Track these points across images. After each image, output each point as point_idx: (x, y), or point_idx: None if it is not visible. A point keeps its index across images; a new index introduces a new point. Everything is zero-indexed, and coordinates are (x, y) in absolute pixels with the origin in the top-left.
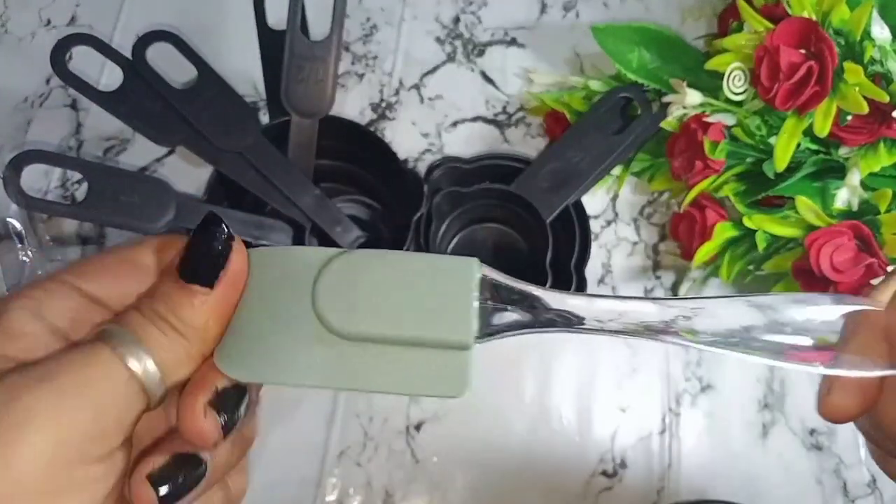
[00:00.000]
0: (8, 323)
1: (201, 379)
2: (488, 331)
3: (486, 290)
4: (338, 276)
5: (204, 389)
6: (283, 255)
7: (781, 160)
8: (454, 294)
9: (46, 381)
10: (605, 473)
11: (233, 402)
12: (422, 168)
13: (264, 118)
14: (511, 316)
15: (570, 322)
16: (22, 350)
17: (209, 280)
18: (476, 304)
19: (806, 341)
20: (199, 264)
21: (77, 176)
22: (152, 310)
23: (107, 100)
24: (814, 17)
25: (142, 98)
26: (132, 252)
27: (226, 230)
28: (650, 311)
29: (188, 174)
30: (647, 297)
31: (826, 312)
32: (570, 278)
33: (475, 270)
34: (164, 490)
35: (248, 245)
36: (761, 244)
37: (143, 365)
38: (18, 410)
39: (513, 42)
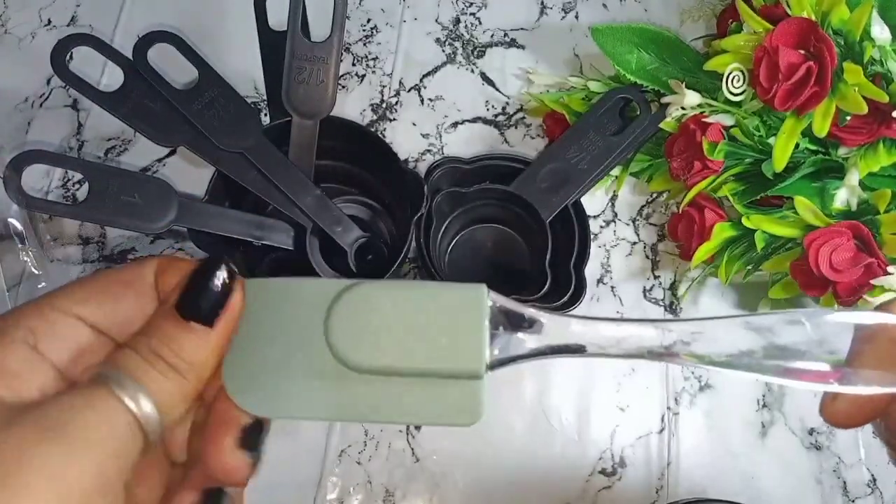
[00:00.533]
0: (4, 360)
1: (224, 417)
2: (499, 359)
3: (495, 318)
4: (349, 310)
5: (230, 428)
6: (291, 287)
7: (780, 160)
8: (465, 324)
9: (52, 433)
10: (604, 472)
11: (256, 435)
12: (422, 168)
13: (265, 119)
14: (521, 343)
15: (577, 350)
16: (16, 390)
17: (210, 319)
18: (487, 333)
19: (812, 364)
20: (200, 302)
21: (78, 176)
22: (150, 349)
23: (108, 100)
24: (813, 18)
25: (143, 98)
26: (132, 274)
27: (227, 273)
28: (650, 336)
29: (189, 174)
30: (647, 319)
31: (827, 328)
32: (570, 278)
33: (485, 299)
34: None
35: (249, 245)
36: (760, 244)
37: (142, 408)
38: (25, 466)
39: (512, 43)
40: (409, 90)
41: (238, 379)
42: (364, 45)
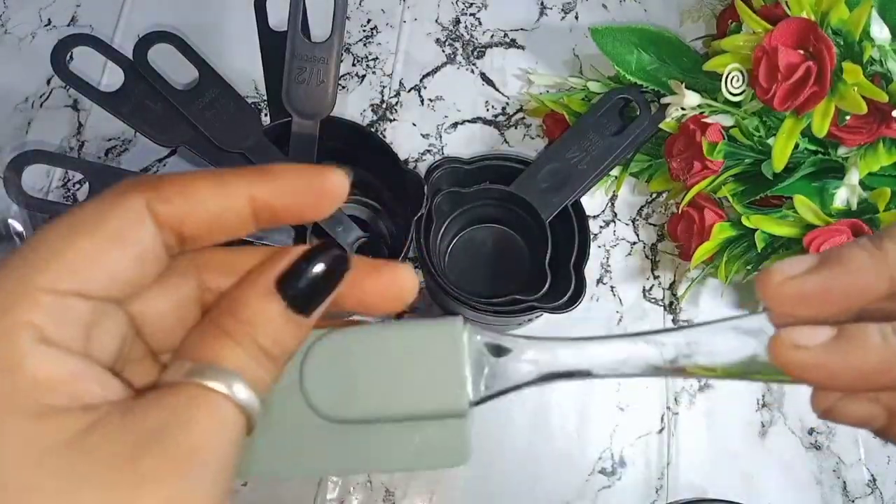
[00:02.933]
0: (35, 369)
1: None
2: (484, 395)
3: (476, 351)
4: (321, 362)
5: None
6: None
7: (780, 160)
8: (443, 362)
9: (164, 450)
10: (604, 472)
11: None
12: (422, 168)
13: (265, 119)
14: (506, 374)
15: (566, 375)
16: (75, 397)
17: (309, 309)
18: (467, 369)
19: None
20: (303, 290)
21: (78, 176)
22: (245, 334)
23: (108, 100)
24: (812, 18)
25: (143, 98)
26: (117, 222)
27: (334, 260)
28: (651, 354)
29: None
30: (635, 333)
31: None
32: (570, 278)
33: (461, 333)
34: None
35: (250, 245)
36: (760, 244)
37: (242, 398)
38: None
39: (512, 44)
40: (409, 90)
41: None
42: (364, 45)
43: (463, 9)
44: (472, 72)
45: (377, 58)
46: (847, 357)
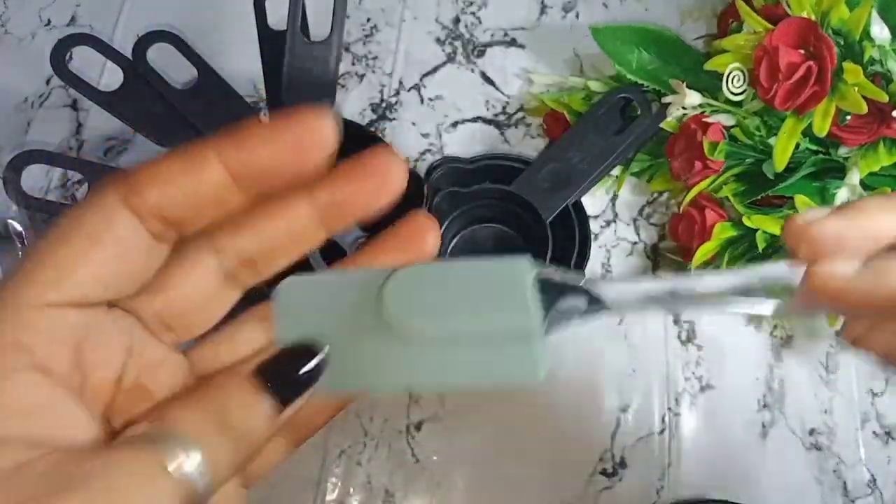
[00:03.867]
0: (21, 397)
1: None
2: (550, 319)
3: (543, 283)
4: (402, 287)
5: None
6: (340, 279)
7: (781, 160)
8: (511, 284)
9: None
10: (604, 473)
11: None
12: (422, 168)
13: (265, 119)
14: (566, 303)
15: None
16: (56, 431)
17: (286, 400)
18: (532, 289)
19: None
20: (282, 383)
21: (78, 176)
22: (212, 411)
23: (107, 100)
24: (813, 18)
25: (142, 98)
26: (97, 223)
27: (317, 362)
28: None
29: None
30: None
31: None
32: None
33: (528, 265)
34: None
35: None
36: (761, 244)
37: (192, 472)
38: None
39: (513, 42)
40: (409, 90)
41: None
42: (364, 44)
43: (463, 7)
44: (473, 71)
45: (377, 57)
46: (875, 282)
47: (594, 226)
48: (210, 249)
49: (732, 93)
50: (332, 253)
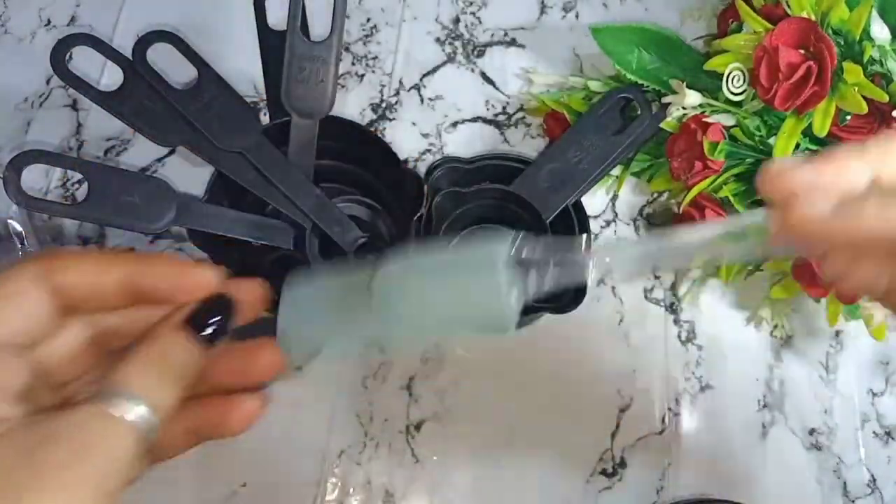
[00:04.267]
0: None
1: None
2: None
3: (517, 258)
4: (388, 279)
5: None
6: (329, 279)
7: None
8: (486, 258)
9: (58, 447)
10: (604, 473)
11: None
12: (422, 168)
13: (265, 118)
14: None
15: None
16: None
17: (212, 340)
18: (505, 261)
19: None
20: (209, 325)
21: (77, 176)
22: (149, 360)
23: (107, 100)
24: (813, 18)
25: (142, 98)
26: (14, 283)
27: (230, 309)
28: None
29: (189, 174)
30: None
31: None
32: None
33: (502, 248)
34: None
35: (248, 245)
36: None
37: (141, 417)
38: (38, 477)
39: (513, 43)
40: (409, 90)
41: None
42: (364, 44)
43: (463, 7)
44: (473, 71)
45: (377, 57)
46: (851, 220)
47: (594, 226)
48: (90, 326)
49: (732, 93)
50: (332, 253)
